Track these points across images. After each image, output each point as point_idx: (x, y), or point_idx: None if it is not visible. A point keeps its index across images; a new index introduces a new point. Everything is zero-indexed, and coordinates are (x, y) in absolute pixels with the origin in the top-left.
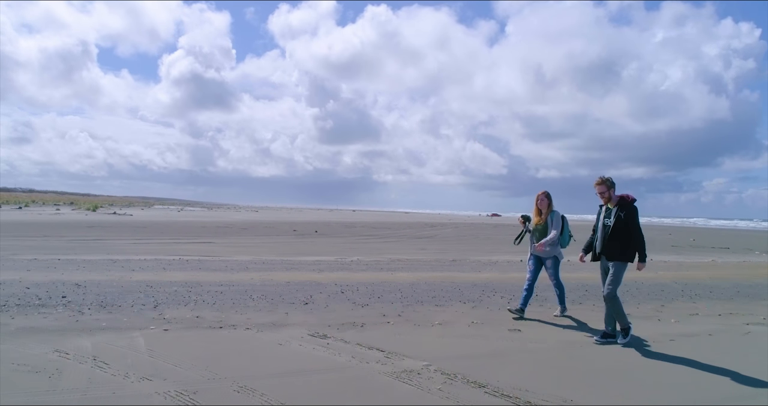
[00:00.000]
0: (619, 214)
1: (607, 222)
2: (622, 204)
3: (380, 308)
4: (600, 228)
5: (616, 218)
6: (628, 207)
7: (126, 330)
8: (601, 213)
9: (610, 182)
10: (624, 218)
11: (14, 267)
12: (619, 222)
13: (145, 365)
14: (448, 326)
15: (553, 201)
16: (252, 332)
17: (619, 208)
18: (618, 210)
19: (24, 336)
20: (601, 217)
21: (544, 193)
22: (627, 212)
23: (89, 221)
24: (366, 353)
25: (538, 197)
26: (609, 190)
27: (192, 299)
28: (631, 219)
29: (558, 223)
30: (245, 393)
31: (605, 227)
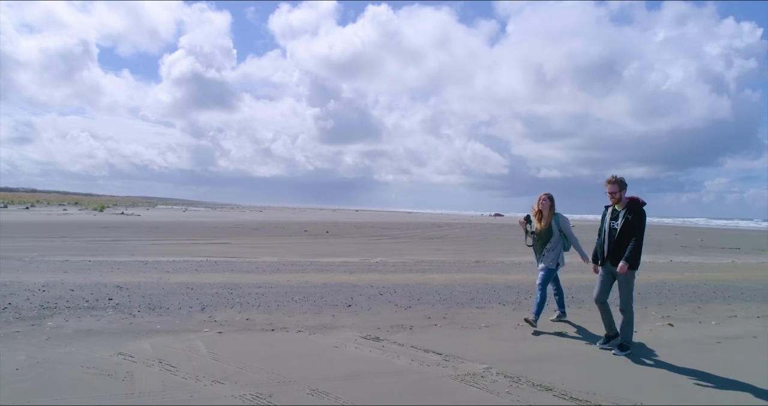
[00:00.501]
0: (627, 216)
1: (614, 225)
2: (631, 206)
3: (423, 310)
4: (606, 231)
5: (624, 221)
6: (636, 210)
7: (181, 333)
8: (607, 215)
9: (623, 183)
10: (632, 220)
11: (49, 269)
12: (627, 225)
13: (212, 368)
14: (495, 328)
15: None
16: (305, 335)
17: (627, 210)
18: (626, 212)
19: (83, 339)
20: (607, 219)
21: (547, 195)
22: (635, 214)
23: (100, 221)
24: (423, 355)
25: (539, 199)
26: (621, 191)
27: (236, 301)
28: (638, 223)
29: (567, 226)
30: (319, 396)
31: (612, 231)
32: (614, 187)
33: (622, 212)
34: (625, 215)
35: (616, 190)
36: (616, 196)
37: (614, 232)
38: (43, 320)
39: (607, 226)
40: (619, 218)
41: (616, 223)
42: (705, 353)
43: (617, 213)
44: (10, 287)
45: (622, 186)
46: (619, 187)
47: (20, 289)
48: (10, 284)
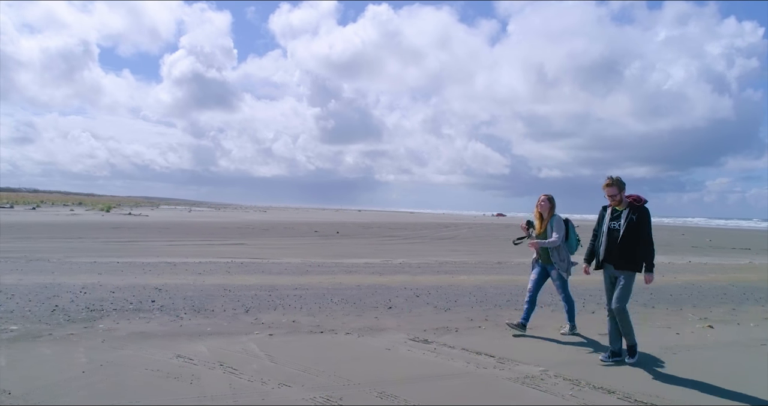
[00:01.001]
0: (632, 216)
1: (614, 226)
2: (634, 206)
3: (463, 312)
4: (605, 233)
5: (628, 222)
6: (640, 210)
7: (233, 335)
8: (606, 215)
9: (621, 183)
10: (636, 221)
11: (82, 270)
12: (631, 226)
13: (274, 371)
14: (539, 330)
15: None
16: (353, 337)
17: (630, 210)
18: (629, 213)
19: (138, 341)
20: (606, 220)
21: (547, 196)
22: (639, 214)
23: (110, 222)
24: (477, 358)
25: (539, 201)
26: (620, 192)
27: (277, 303)
28: (644, 223)
29: (560, 226)
30: (388, 399)
31: (613, 232)
32: (613, 189)
33: (624, 212)
34: (629, 216)
35: (616, 192)
36: (617, 198)
37: (615, 233)
38: (93, 322)
39: (606, 226)
40: (621, 218)
41: (618, 223)
42: (751, 355)
43: (618, 213)
44: (51, 289)
45: (621, 187)
46: (618, 189)
47: (62, 291)
48: (50, 286)
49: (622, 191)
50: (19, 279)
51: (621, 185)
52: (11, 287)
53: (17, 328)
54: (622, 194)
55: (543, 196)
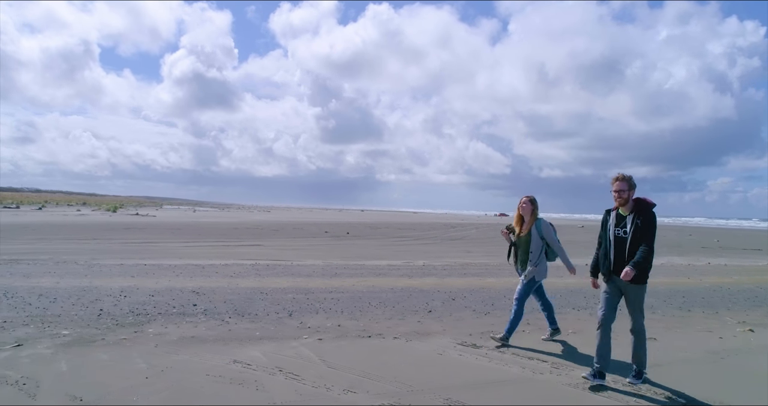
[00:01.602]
0: (636, 221)
1: (620, 233)
2: (639, 209)
3: (503, 316)
4: (611, 240)
5: (634, 227)
6: (646, 213)
7: (283, 340)
8: (610, 220)
9: (632, 182)
10: (641, 225)
11: (113, 273)
12: (637, 232)
13: (334, 377)
14: (582, 334)
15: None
16: (402, 342)
17: (635, 214)
18: (635, 217)
19: (190, 346)
20: (611, 225)
21: (529, 198)
22: (645, 218)
23: (120, 222)
24: (530, 363)
25: (521, 203)
26: (630, 190)
27: (317, 306)
28: (648, 228)
29: (550, 231)
30: None
31: (619, 239)
32: (623, 184)
33: (629, 217)
34: (634, 220)
35: (625, 188)
36: (624, 195)
37: (622, 241)
38: (141, 326)
39: (612, 234)
40: (626, 224)
41: (624, 230)
42: None
43: (623, 218)
44: (90, 292)
45: (632, 185)
46: (628, 186)
47: (102, 294)
48: (89, 289)
49: (632, 191)
50: (56, 282)
51: (632, 184)
52: (51, 291)
53: (69, 332)
54: (631, 194)
55: (524, 197)
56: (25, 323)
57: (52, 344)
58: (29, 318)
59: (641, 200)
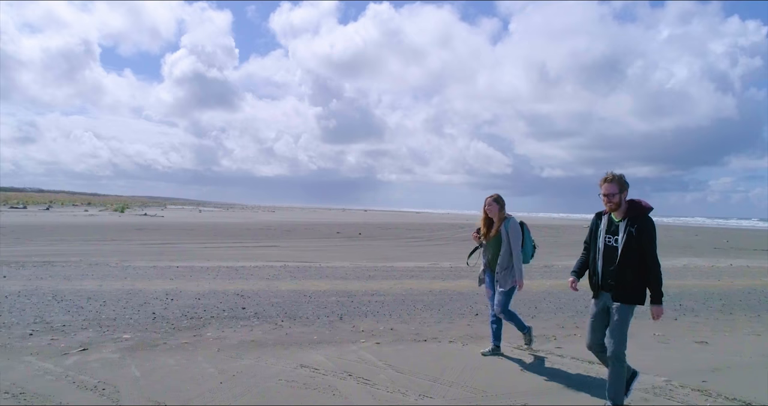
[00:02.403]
0: (630, 229)
1: (611, 241)
2: (635, 215)
3: (549, 319)
4: (600, 249)
5: (627, 235)
6: (643, 219)
7: (341, 344)
8: (601, 226)
9: (623, 182)
10: (637, 234)
11: (149, 276)
12: (631, 241)
13: (405, 381)
14: (635, 338)
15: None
16: (458, 346)
17: (629, 220)
18: (628, 224)
19: (252, 350)
20: (601, 232)
21: (494, 197)
22: (641, 226)
23: (131, 223)
24: (591, 367)
25: (486, 203)
26: (621, 193)
27: (363, 309)
28: (648, 237)
29: (517, 234)
30: None
31: (609, 250)
32: (613, 187)
33: (622, 224)
34: (627, 228)
35: (615, 191)
36: (615, 199)
37: (613, 251)
38: (199, 330)
39: (602, 242)
40: (619, 231)
41: (615, 238)
42: None
43: (615, 224)
44: (136, 295)
45: (623, 187)
46: (618, 188)
47: (148, 297)
48: (133, 292)
49: (624, 193)
50: (99, 285)
51: (623, 184)
52: (98, 294)
53: (130, 336)
54: (623, 197)
55: (489, 197)
56: (83, 327)
57: (117, 349)
58: (86, 322)
59: (636, 204)
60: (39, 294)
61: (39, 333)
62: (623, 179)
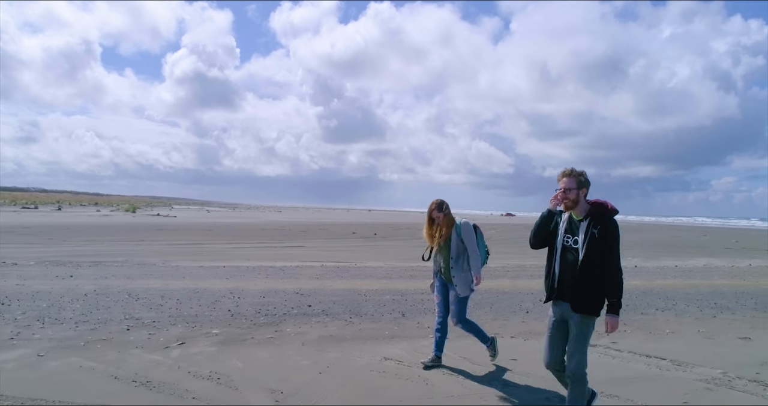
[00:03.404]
0: (593, 230)
1: (569, 242)
2: (597, 216)
3: None
4: (558, 250)
5: (589, 238)
6: (607, 221)
7: (413, 338)
8: (561, 226)
9: (583, 179)
10: (599, 237)
11: (202, 275)
12: (593, 244)
13: (487, 372)
14: (680, 335)
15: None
16: (520, 341)
17: (591, 221)
18: (590, 225)
19: (334, 344)
20: (560, 234)
21: (437, 204)
22: (604, 227)
23: (148, 223)
24: (651, 360)
25: (430, 213)
26: (579, 189)
27: (421, 307)
28: (611, 241)
29: (470, 235)
30: (613, 399)
31: (567, 252)
32: (571, 181)
33: (583, 224)
34: (590, 229)
35: (573, 186)
36: (571, 195)
37: (571, 254)
38: (277, 326)
39: (560, 241)
40: (579, 231)
41: (575, 239)
42: None
43: (575, 224)
44: (204, 293)
45: (582, 184)
46: (577, 184)
47: (216, 296)
48: (200, 290)
49: (582, 190)
50: (165, 284)
51: (582, 182)
52: (168, 292)
53: (218, 332)
54: (581, 195)
55: (433, 203)
56: (172, 323)
57: (211, 343)
58: (171, 318)
59: (601, 204)
60: (114, 293)
61: (135, 328)
62: (584, 177)
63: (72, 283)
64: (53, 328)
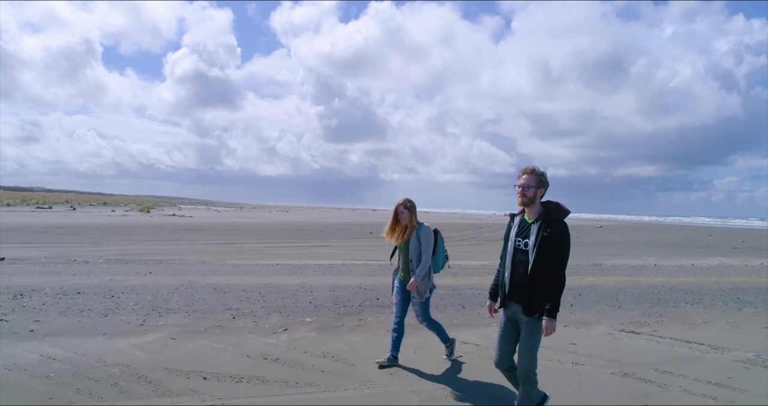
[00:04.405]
0: (543, 233)
1: (520, 245)
2: (549, 218)
3: (635, 309)
4: (510, 252)
5: (540, 239)
6: (557, 223)
7: (479, 327)
8: (513, 228)
9: (543, 180)
10: (549, 238)
11: (267, 272)
12: (543, 246)
13: (562, 354)
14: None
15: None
16: (573, 329)
17: (543, 223)
18: (541, 227)
19: (416, 331)
20: (512, 236)
21: (405, 202)
22: (554, 229)
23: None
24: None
25: (397, 208)
26: (537, 188)
27: (474, 301)
28: (560, 243)
29: (429, 240)
30: (667, 375)
31: (518, 254)
32: (531, 179)
33: (534, 226)
34: (540, 231)
35: (533, 184)
36: (529, 192)
37: (522, 256)
38: (358, 315)
39: (512, 245)
40: (530, 234)
41: (525, 242)
42: None
43: (527, 226)
44: (279, 289)
45: (541, 183)
46: (536, 182)
47: (290, 290)
48: (273, 285)
49: (540, 190)
50: (239, 280)
51: (542, 181)
52: (248, 287)
53: (311, 320)
54: (539, 194)
55: (401, 201)
56: (267, 313)
57: (309, 329)
58: (264, 309)
59: (552, 205)
60: (199, 287)
61: (239, 317)
62: (544, 177)
63: (155, 279)
64: (170, 316)
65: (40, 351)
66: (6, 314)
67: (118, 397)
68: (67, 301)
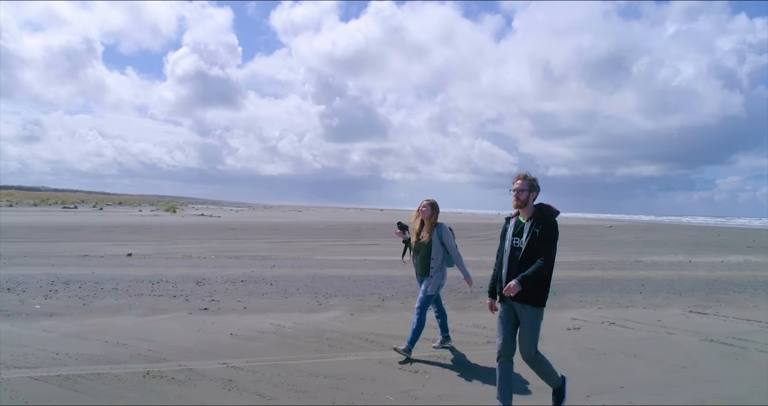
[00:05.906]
0: (534, 230)
1: (516, 243)
2: (540, 216)
3: (692, 297)
4: (507, 252)
5: (530, 236)
6: (546, 220)
7: (575, 309)
8: (509, 229)
9: (535, 184)
10: (540, 235)
11: (339, 265)
12: (534, 242)
13: (653, 325)
14: (762, 309)
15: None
16: (651, 310)
17: (535, 222)
18: (533, 225)
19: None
20: (509, 235)
21: (429, 202)
22: (545, 227)
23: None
24: (752, 323)
25: (420, 207)
26: (530, 191)
27: (559, 289)
28: (548, 238)
29: (450, 237)
30: (741, 341)
31: (515, 251)
32: (524, 183)
33: (527, 225)
34: (532, 229)
35: (525, 187)
36: (522, 196)
37: (517, 253)
38: (471, 300)
39: (509, 244)
40: (523, 233)
41: (520, 240)
42: None
43: (521, 226)
44: (393, 280)
45: (533, 187)
46: (528, 186)
47: (406, 280)
48: (376, 277)
49: (533, 193)
50: (353, 272)
51: (533, 186)
52: (367, 277)
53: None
54: (531, 197)
55: (425, 201)
56: (405, 296)
57: (449, 308)
58: (399, 293)
59: (544, 206)
60: (329, 277)
61: (388, 299)
62: (536, 182)
63: (284, 270)
64: (334, 299)
65: (270, 321)
66: (240, 299)
67: (355, 350)
68: (248, 287)
